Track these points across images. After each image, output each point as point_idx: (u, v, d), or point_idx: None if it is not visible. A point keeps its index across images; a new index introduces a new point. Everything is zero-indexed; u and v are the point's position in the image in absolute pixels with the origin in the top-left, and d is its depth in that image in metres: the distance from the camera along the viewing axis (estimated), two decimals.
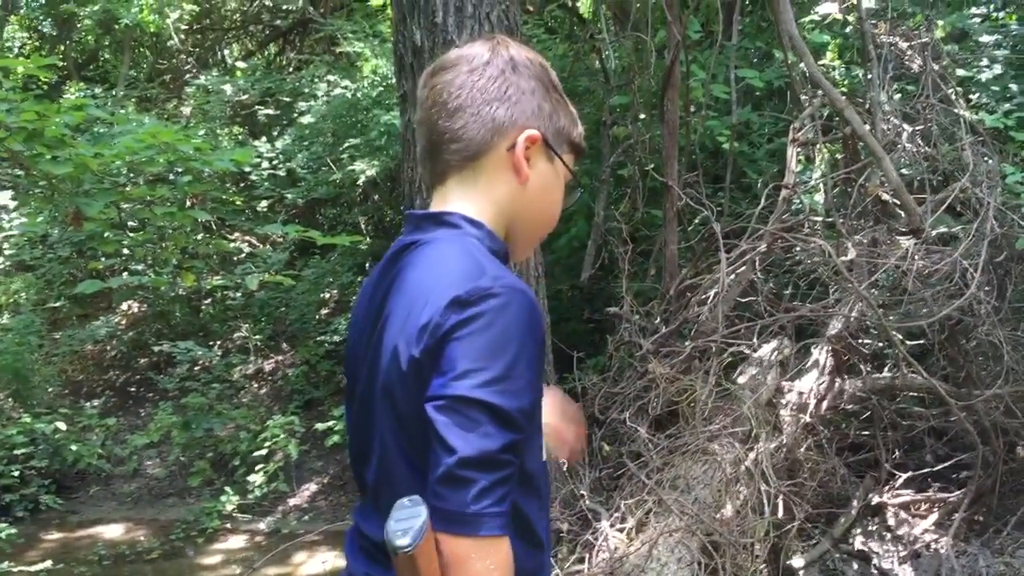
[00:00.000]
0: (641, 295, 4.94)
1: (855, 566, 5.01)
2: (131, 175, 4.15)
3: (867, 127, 4.40)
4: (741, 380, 4.27)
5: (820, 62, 6.25)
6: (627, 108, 6.07)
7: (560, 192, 1.47)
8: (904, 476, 5.19)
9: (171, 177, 5.35)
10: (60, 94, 8.83)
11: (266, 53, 13.16)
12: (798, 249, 4.78)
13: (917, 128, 5.23)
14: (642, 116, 5.97)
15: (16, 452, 7.88)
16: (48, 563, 6.36)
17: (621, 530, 3.32)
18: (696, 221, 5.39)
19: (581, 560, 3.34)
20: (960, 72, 5.89)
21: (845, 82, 6.42)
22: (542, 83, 1.44)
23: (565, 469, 3.62)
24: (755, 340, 4.17)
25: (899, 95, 5.82)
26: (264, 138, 10.31)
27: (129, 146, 3.20)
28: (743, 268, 4.20)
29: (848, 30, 6.49)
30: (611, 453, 3.78)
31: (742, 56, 6.46)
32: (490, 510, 1.16)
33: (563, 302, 6.38)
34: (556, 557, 3.43)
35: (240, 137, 10.83)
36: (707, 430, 3.74)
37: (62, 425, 8.19)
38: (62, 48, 12.05)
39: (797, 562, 4.77)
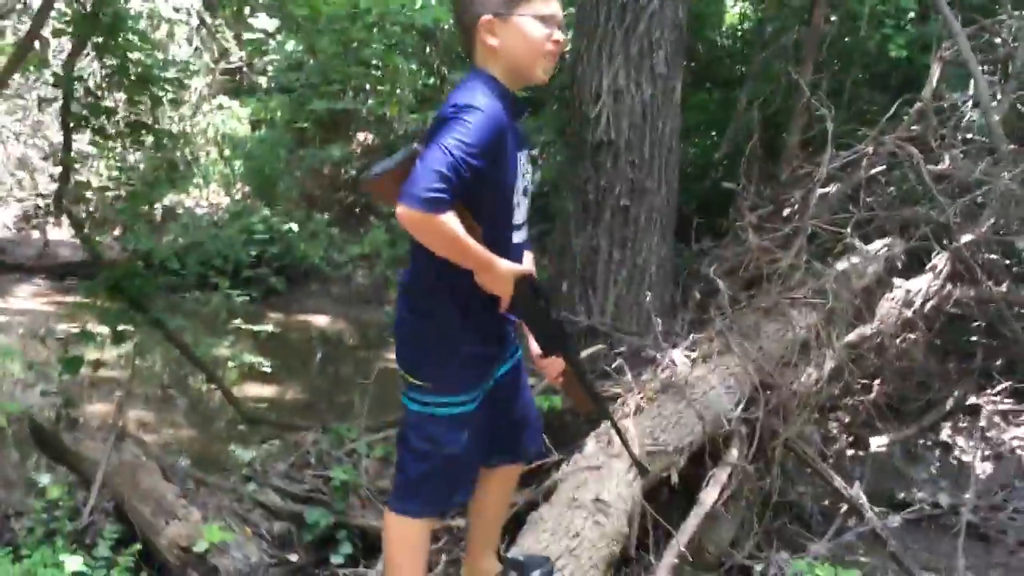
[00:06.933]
0: (764, 173, 5.42)
1: (936, 453, 5.43)
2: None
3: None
4: (840, 266, 4.76)
5: None
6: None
7: (538, 30, 2.03)
8: (1006, 384, 5.38)
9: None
10: None
11: None
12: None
13: None
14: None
15: (255, 237, 9.47)
16: (270, 327, 7.75)
17: (687, 356, 3.98)
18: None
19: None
20: None
21: None
22: None
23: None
24: (848, 231, 4.59)
25: None
26: None
27: None
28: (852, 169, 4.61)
29: None
30: (700, 302, 4.41)
31: None
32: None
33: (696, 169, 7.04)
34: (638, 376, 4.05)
35: None
36: (789, 296, 4.32)
37: (295, 226, 9.67)
38: None
39: (880, 440, 5.24)
